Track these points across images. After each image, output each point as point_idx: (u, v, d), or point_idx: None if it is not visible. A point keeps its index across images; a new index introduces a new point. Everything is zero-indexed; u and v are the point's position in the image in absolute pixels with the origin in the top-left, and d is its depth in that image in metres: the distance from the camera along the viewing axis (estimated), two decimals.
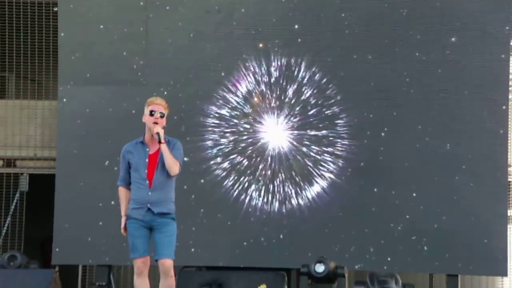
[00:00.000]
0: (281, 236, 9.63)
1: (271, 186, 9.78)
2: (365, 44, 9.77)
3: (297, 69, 9.88)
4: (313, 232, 9.58)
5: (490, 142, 9.59)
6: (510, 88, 9.93)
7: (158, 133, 5.89)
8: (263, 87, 9.93)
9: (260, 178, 9.81)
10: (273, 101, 9.92)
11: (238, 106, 9.96)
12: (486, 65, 9.64)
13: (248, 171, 9.83)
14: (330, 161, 9.77)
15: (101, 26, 10.09)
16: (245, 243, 9.61)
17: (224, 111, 9.95)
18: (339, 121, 9.81)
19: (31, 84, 11.31)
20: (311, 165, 9.79)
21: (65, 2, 10.28)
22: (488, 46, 9.65)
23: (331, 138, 9.80)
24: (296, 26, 9.86)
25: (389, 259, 9.42)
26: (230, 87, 9.94)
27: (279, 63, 9.91)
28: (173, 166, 5.90)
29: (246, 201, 9.79)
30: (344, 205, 9.62)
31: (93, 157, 9.86)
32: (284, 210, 9.71)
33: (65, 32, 10.20)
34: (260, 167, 9.84)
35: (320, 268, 8.52)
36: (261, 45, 9.90)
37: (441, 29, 9.70)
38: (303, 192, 9.76)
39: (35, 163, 11.13)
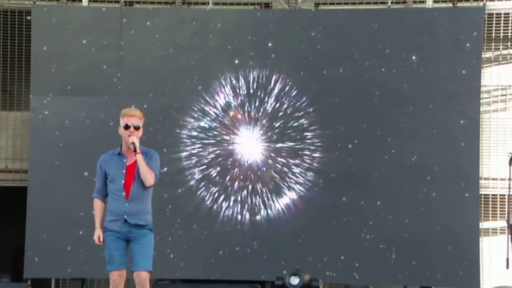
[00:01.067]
0: (256, 247, 9.63)
1: (244, 198, 9.78)
2: (337, 58, 9.82)
3: (271, 82, 9.90)
4: (287, 242, 9.60)
5: (461, 155, 9.67)
6: (481, 101, 10.02)
7: (133, 143, 5.86)
8: (239, 99, 9.93)
9: (234, 189, 9.80)
10: (248, 113, 9.93)
11: (215, 117, 9.94)
12: (458, 77, 9.71)
13: (223, 183, 9.83)
14: (301, 172, 9.79)
15: (76, 36, 10.03)
16: (220, 254, 9.61)
17: (200, 123, 9.93)
18: (310, 133, 9.85)
19: (2, 95, 11.17)
20: (283, 176, 9.80)
21: (39, 11, 10.21)
22: (459, 58, 9.73)
23: (302, 150, 9.83)
24: (270, 43, 9.89)
25: (360, 268, 9.46)
26: (207, 98, 9.93)
27: (253, 76, 9.93)
28: (148, 176, 5.87)
29: (221, 212, 9.77)
30: (315, 216, 9.67)
31: (67, 168, 9.78)
32: (257, 221, 9.72)
33: (38, 42, 10.10)
34: (235, 178, 9.83)
35: (294, 280, 8.53)
36: (236, 62, 9.91)
37: (411, 42, 9.77)
38: (276, 203, 9.76)
39: (6, 175, 10.97)
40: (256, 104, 9.92)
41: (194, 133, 9.92)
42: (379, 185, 9.64)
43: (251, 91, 9.92)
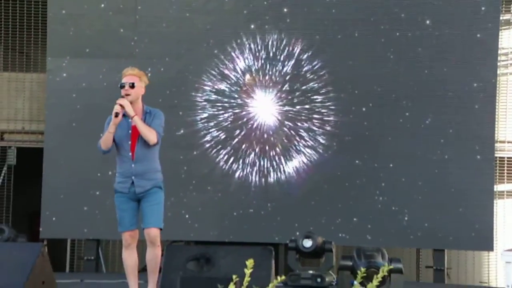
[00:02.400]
0: (269, 209, 9.68)
1: (259, 160, 9.80)
2: (352, 21, 9.74)
3: (286, 46, 9.85)
4: (300, 205, 9.64)
5: (477, 118, 9.60)
6: (498, 63, 9.92)
7: (122, 106, 5.84)
8: (255, 63, 9.89)
9: (248, 152, 9.82)
10: (263, 77, 9.90)
11: (231, 81, 9.92)
12: (473, 40, 9.61)
13: (238, 146, 9.84)
14: (315, 135, 9.78)
15: None
16: (233, 216, 9.67)
17: (216, 86, 9.92)
18: (324, 97, 9.81)
19: (19, 57, 11.22)
20: (297, 139, 9.80)
21: None
22: (475, 21, 9.62)
23: (316, 114, 9.81)
24: (285, 8, 9.82)
25: (373, 231, 9.49)
26: (225, 61, 9.90)
27: (268, 40, 9.88)
28: (149, 135, 5.88)
29: (235, 174, 9.81)
30: (329, 179, 9.67)
31: (83, 130, 9.80)
32: (271, 184, 9.75)
33: (54, 4, 10.11)
34: (250, 141, 9.84)
35: (307, 243, 8.53)
36: (252, 26, 9.86)
37: (426, 5, 9.66)
38: (290, 166, 9.78)
39: (23, 136, 11.09)
40: (271, 68, 9.88)
41: (210, 97, 9.92)
42: (393, 147, 9.62)
43: (267, 55, 9.87)
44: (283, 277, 3.44)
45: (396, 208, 9.53)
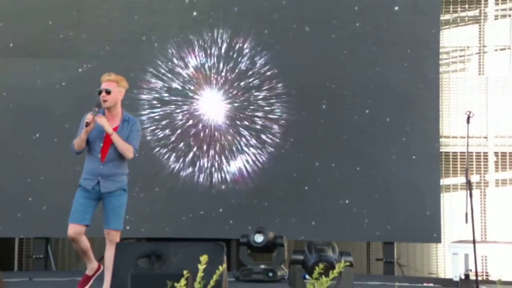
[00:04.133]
0: (221, 210, 9.68)
1: (208, 159, 9.79)
2: (303, 16, 9.81)
3: (234, 43, 9.86)
4: (253, 205, 9.67)
5: (423, 114, 9.76)
6: (440, 62, 10.11)
7: (95, 109, 6.11)
8: (202, 60, 9.89)
9: (197, 151, 9.80)
10: (211, 74, 9.89)
11: (176, 78, 9.90)
12: (417, 39, 9.76)
13: (186, 145, 9.81)
14: (270, 133, 9.82)
15: None
16: (183, 217, 9.64)
17: (161, 84, 9.89)
18: (277, 93, 9.85)
19: None
20: (250, 137, 9.82)
21: None
22: (418, 21, 9.78)
23: (270, 112, 9.84)
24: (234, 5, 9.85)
25: (322, 226, 9.58)
26: (167, 59, 9.87)
27: (214, 36, 9.88)
28: (126, 152, 6.11)
29: (183, 174, 9.78)
30: (283, 178, 9.70)
31: (22, 130, 9.70)
32: (223, 184, 9.75)
33: None
34: (198, 140, 9.83)
35: (259, 238, 8.59)
36: (199, 23, 9.84)
37: (369, 3, 9.80)
38: (243, 165, 9.80)
39: None
40: (218, 65, 9.89)
41: (153, 95, 9.87)
42: (349, 146, 9.69)
43: (212, 51, 9.88)
44: (224, 265, 3.44)
45: (346, 202, 9.63)
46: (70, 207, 6.37)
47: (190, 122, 9.86)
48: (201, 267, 3.20)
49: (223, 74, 9.90)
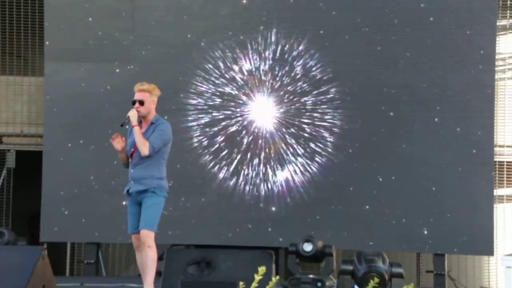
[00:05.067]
0: (269, 215, 9.65)
1: (256, 166, 9.76)
2: (346, 28, 9.72)
3: (287, 50, 9.82)
4: (300, 211, 9.61)
5: (476, 122, 9.60)
6: (496, 68, 9.94)
7: (128, 117, 6.25)
8: (255, 65, 9.86)
9: (246, 158, 9.78)
10: (263, 79, 9.87)
11: (226, 83, 9.89)
12: (472, 44, 9.60)
13: (234, 153, 9.80)
14: (321, 142, 9.73)
15: (88, 3, 9.99)
16: (231, 225, 9.61)
17: (211, 88, 9.89)
18: (330, 98, 9.77)
19: (17, 60, 11.19)
20: (300, 146, 9.76)
21: None
22: (474, 26, 9.61)
23: (321, 119, 9.78)
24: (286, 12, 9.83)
25: (374, 236, 9.48)
26: (219, 64, 9.88)
27: (266, 44, 9.85)
28: (141, 147, 6.20)
29: (231, 183, 9.76)
30: (332, 184, 9.62)
31: (81, 133, 9.82)
32: (271, 190, 9.71)
33: (52, 7, 10.07)
34: (246, 147, 9.80)
35: (308, 247, 8.52)
36: (251, 28, 9.80)
37: (425, 10, 9.66)
38: (288, 172, 9.74)
39: (22, 139, 11.07)
40: (270, 70, 9.85)
41: (203, 101, 9.88)
42: (393, 152, 9.59)
43: (266, 56, 9.85)
44: (278, 277, 3.41)
45: (397, 212, 9.51)
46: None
47: (239, 129, 9.82)
48: (258, 277, 3.17)
49: (275, 78, 9.85)
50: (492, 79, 9.68)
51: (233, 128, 9.84)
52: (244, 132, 9.84)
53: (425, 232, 9.47)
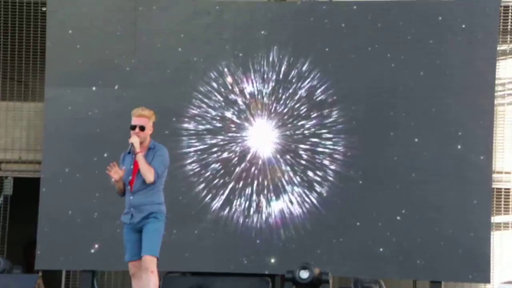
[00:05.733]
0: (265, 242, 9.63)
1: (253, 193, 9.77)
2: (354, 49, 9.77)
3: (287, 74, 9.86)
4: (296, 238, 9.60)
5: (474, 148, 9.60)
6: (496, 93, 9.96)
7: (132, 144, 6.19)
8: (255, 88, 9.90)
9: (242, 185, 9.79)
10: (261, 104, 9.90)
11: (228, 108, 9.93)
12: (472, 69, 9.65)
13: (230, 177, 9.81)
14: (318, 170, 9.75)
15: (90, 27, 10.07)
16: (227, 252, 9.60)
17: (215, 112, 9.92)
18: (333, 121, 9.79)
19: (17, 86, 11.25)
20: (296, 173, 9.78)
21: (54, 2, 10.23)
22: (474, 51, 9.66)
23: (320, 145, 9.81)
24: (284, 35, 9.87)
25: (370, 263, 9.45)
26: (220, 88, 9.92)
27: (267, 68, 9.91)
28: (147, 174, 6.17)
29: (226, 211, 9.76)
30: (328, 213, 9.62)
31: (81, 159, 9.83)
32: (268, 217, 9.71)
33: (53, 33, 10.17)
34: (243, 173, 9.82)
35: (304, 274, 8.54)
36: (254, 50, 9.84)
37: (426, 33, 9.71)
38: (285, 200, 9.74)
39: (20, 166, 11.07)
40: (271, 95, 9.90)
41: (210, 125, 9.91)
42: (397, 179, 9.60)
43: (267, 79, 9.89)
44: None
45: (393, 239, 9.50)
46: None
47: (237, 156, 9.84)
48: None
49: (269, 104, 9.89)
50: (491, 104, 9.70)
51: (233, 154, 9.85)
52: (239, 159, 9.84)
53: (422, 259, 9.45)
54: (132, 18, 10.07)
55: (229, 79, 9.91)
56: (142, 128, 6.25)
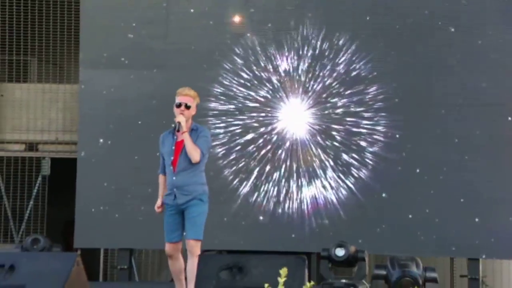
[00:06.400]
0: (302, 220, 9.64)
1: (289, 174, 9.76)
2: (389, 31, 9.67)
3: (323, 51, 9.79)
4: (332, 216, 9.59)
5: (504, 127, 9.50)
6: None
7: (179, 122, 6.18)
8: (289, 68, 9.86)
9: (280, 164, 9.79)
10: (296, 83, 9.86)
11: (260, 88, 9.91)
12: (507, 48, 9.53)
13: (268, 157, 9.81)
14: (355, 150, 9.69)
15: (123, 10, 10.10)
16: (263, 230, 9.63)
17: (245, 93, 9.92)
18: (373, 101, 9.70)
19: (52, 68, 11.36)
20: (329, 153, 9.74)
21: None
22: (509, 28, 9.54)
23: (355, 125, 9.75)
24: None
25: (407, 241, 9.43)
26: (251, 70, 9.91)
27: (297, 48, 9.85)
28: (193, 153, 6.15)
29: (264, 186, 9.78)
30: (361, 187, 9.60)
31: (115, 140, 9.91)
32: (303, 197, 9.71)
33: (87, 15, 10.22)
34: (280, 152, 9.81)
35: (340, 252, 8.50)
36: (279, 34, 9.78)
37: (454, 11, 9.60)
38: (320, 179, 9.73)
39: (57, 147, 11.22)
40: (307, 74, 9.84)
41: (243, 105, 9.90)
42: (425, 156, 9.53)
43: (298, 61, 9.85)
44: (312, 283, 3.43)
45: (430, 218, 9.45)
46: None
47: (274, 134, 9.83)
48: (281, 280, 3.19)
49: (304, 83, 9.85)
50: None
51: (268, 135, 9.84)
52: (277, 139, 9.83)
53: (459, 236, 9.39)
54: (163, 2, 10.06)
55: (261, 57, 9.88)
56: (187, 107, 6.25)
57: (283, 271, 3.17)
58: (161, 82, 9.80)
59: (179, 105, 6.26)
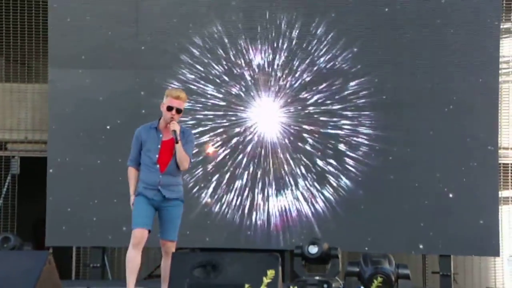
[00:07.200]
0: (272, 221, 9.65)
1: (262, 175, 9.76)
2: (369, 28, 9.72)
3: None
4: (307, 216, 9.61)
5: (480, 124, 9.62)
6: (500, 71, 9.94)
7: (174, 131, 6.05)
8: (262, 62, 9.86)
9: (253, 163, 9.79)
10: (268, 78, 9.87)
11: (232, 85, 9.89)
12: (477, 47, 9.64)
13: (239, 156, 9.80)
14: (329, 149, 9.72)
15: (92, 9, 10.03)
16: (236, 228, 9.62)
17: (216, 92, 9.90)
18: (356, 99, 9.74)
19: (21, 68, 11.24)
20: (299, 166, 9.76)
21: None
22: (479, 28, 9.65)
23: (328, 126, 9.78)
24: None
25: (378, 238, 9.48)
26: (223, 68, 9.89)
27: (268, 47, 9.86)
28: (184, 162, 6.12)
29: (235, 186, 9.77)
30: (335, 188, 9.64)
31: (85, 139, 9.85)
32: (277, 196, 9.72)
33: (56, 15, 10.11)
34: (249, 156, 9.80)
35: (313, 249, 8.52)
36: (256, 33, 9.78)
37: (431, 10, 9.68)
38: (297, 179, 9.75)
39: (26, 146, 11.12)
40: (277, 70, 9.86)
41: (213, 102, 9.88)
42: (396, 155, 9.60)
43: (267, 56, 9.85)
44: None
45: (402, 214, 9.50)
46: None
47: (243, 133, 9.83)
48: (266, 280, 3.17)
49: (276, 78, 9.85)
50: (496, 81, 9.71)
51: (238, 133, 9.84)
52: (252, 136, 9.83)
53: (431, 233, 9.45)
54: (133, 1, 10.00)
55: (234, 54, 9.87)
56: (179, 111, 6.12)
57: (270, 273, 3.15)
58: (131, 81, 9.76)
59: (170, 109, 6.11)
